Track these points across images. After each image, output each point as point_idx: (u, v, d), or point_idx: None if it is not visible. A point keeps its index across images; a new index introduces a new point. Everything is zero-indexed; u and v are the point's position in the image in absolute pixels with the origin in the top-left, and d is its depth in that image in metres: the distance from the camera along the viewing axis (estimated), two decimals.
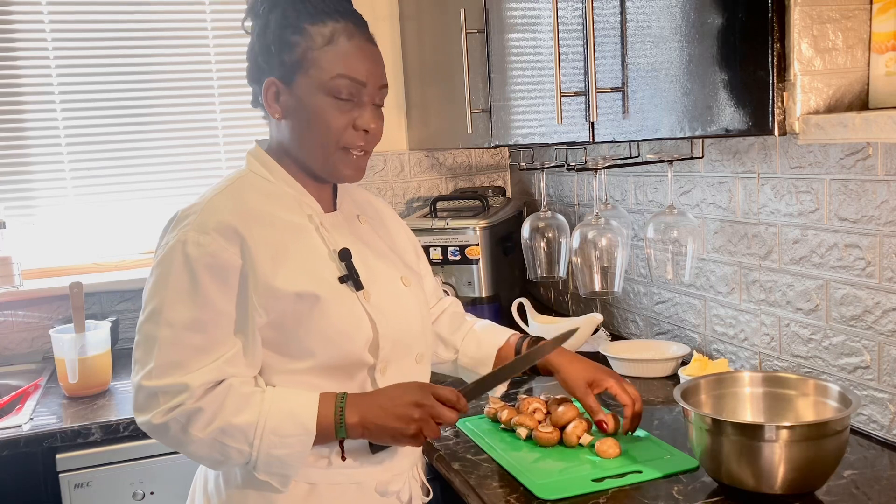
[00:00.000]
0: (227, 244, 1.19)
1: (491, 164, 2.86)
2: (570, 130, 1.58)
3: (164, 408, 1.16)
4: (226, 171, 2.60)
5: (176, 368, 1.16)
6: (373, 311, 1.25)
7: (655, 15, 1.29)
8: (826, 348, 1.56)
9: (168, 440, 1.21)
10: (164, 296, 1.18)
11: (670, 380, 1.86)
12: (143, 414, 1.19)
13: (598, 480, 1.33)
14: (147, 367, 1.17)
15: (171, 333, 1.17)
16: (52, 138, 2.42)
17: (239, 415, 1.17)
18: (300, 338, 1.22)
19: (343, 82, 1.22)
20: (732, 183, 1.77)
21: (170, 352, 1.17)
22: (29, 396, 2.01)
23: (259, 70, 1.28)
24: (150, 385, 1.17)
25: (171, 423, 1.17)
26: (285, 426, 1.18)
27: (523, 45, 1.76)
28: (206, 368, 1.17)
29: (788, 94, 1.09)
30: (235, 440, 1.17)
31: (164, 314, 1.17)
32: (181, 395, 1.16)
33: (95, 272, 2.47)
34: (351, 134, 1.25)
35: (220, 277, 1.18)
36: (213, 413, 1.16)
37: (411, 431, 1.21)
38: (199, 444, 1.18)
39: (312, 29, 1.23)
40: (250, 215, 1.22)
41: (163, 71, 2.51)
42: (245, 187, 1.27)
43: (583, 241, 1.93)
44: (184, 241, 1.19)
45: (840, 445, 1.21)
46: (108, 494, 1.82)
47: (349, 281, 1.25)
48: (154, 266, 1.22)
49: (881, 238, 1.42)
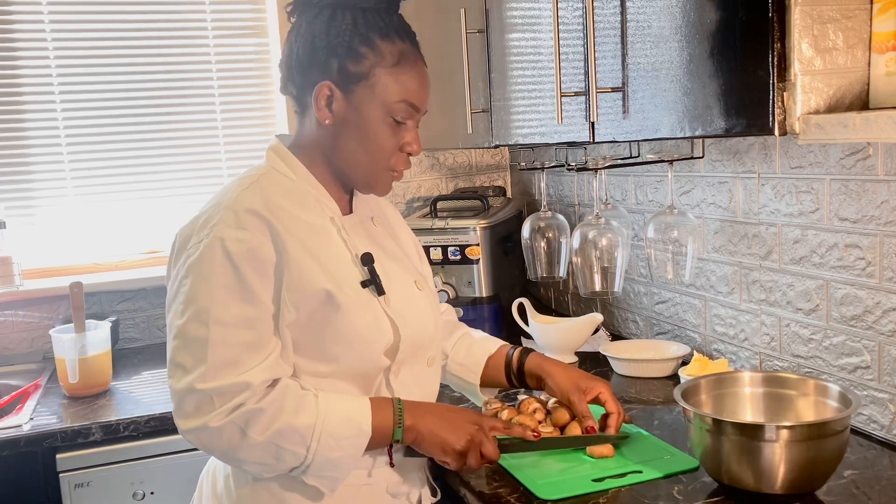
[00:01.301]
0: (265, 239, 1.17)
1: (491, 164, 2.86)
2: (571, 130, 1.58)
3: (223, 409, 1.13)
4: (226, 171, 2.60)
5: (231, 368, 1.13)
6: (394, 316, 1.26)
7: (656, 15, 1.29)
8: (826, 348, 1.56)
9: (219, 445, 1.16)
10: (209, 295, 1.15)
11: (670, 380, 1.86)
12: (193, 419, 1.14)
13: (598, 480, 1.33)
14: (198, 369, 1.13)
15: (222, 332, 1.14)
16: (52, 138, 2.42)
17: (297, 416, 1.15)
18: (321, 341, 1.21)
19: (403, 106, 1.23)
20: (733, 183, 1.77)
21: (223, 351, 1.14)
22: (29, 396, 2.01)
23: (312, 67, 1.23)
24: (204, 388, 1.13)
25: (227, 427, 1.13)
26: (342, 428, 1.17)
27: (523, 44, 1.76)
28: (262, 366, 1.15)
29: (789, 94, 1.09)
30: (293, 443, 1.15)
31: (213, 313, 1.14)
32: (242, 394, 1.13)
33: (95, 272, 2.47)
34: (398, 156, 1.27)
35: (262, 272, 1.16)
36: (273, 414, 1.14)
37: (460, 446, 1.23)
38: (254, 448, 1.15)
39: (383, 45, 1.22)
40: (278, 212, 1.20)
41: (163, 71, 2.51)
42: (269, 184, 1.25)
43: (583, 241, 1.93)
44: (221, 237, 1.16)
45: (840, 445, 1.21)
46: (108, 494, 1.82)
47: (371, 285, 1.25)
48: (188, 268, 1.17)
49: (881, 238, 1.42)
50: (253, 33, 2.60)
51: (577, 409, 1.44)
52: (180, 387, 1.15)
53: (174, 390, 1.16)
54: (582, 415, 1.44)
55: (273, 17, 2.56)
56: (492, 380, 1.52)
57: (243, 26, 2.59)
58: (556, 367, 1.48)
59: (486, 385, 1.53)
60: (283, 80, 1.30)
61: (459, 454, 1.24)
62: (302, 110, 1.29)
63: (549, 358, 1.51)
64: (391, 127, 1.24)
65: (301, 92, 1.27)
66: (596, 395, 1.45)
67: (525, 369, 1.49)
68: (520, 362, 1.49)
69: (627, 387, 1.83)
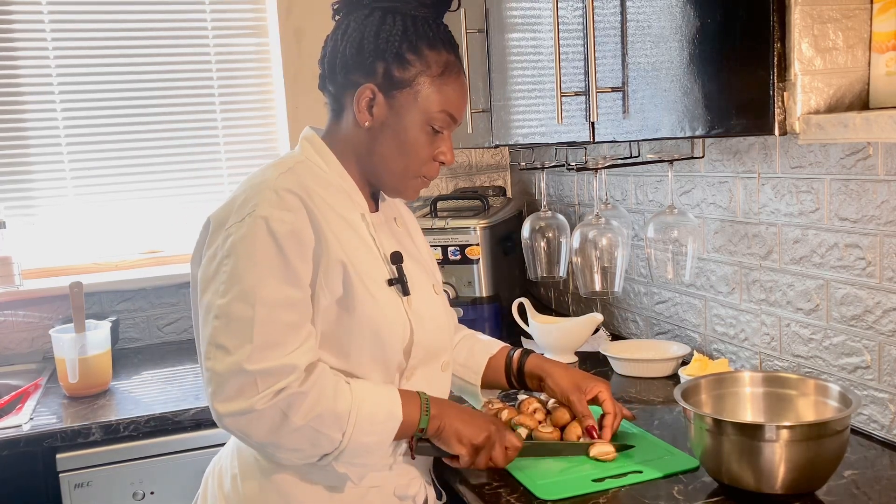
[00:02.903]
0: (307, 221, 1.17)
1: (491, 163, 2.86)
2: (571, 130, 1.58)
3: (268, 392, 1.11)
4: (226, 171, 2.60)
5: (275, 349, 1.12)
6: (413, 318, 1.26)
7: (656, 14, 1.29)
8: (826, 348, 1.56)
9: (259, 429, 1.13)
10: (254, 274, 1.13)
11: (670, 380, 1.86)
12: (235, 402, 1.11)
13: (599, 480, 1.33)
14: (243, 349, 1.11)
15: (268, 312, 1.12)
16: (52, 138, 2.42)
17: (336, 400, 1.15)
18: (341, 334, 1.22)
19: (443, 116, 1.25)
20: (733, 183, 1.77)
21: (269, 331, 1.12)
22: (29, 396, 2.01)
23: (357, 67, 1.23)
24: (251, 369, 1.10)
25: (269, 410, 1.11)
26: (376, 413, 1.18)
27: (523, 44, 1.76)
28: (304, 348, 1.15)
29: (789, 94, 1.08)
30: (330, 427, 1.15)
31: (259, 293, 1.12)
32: (289, 376, 1.12)
33: (95, 272, 2.47)
34: (430, 165, 1.28)
35: (305, 253, 1.16)
36: (315, 398, 1.13)
37: (478, 441, 1.25)
38: (294, 433, 1.13)
39: (429, 54, 1.23)
40: (314, 199, 1.20)
41: (163, 71, 2.51)
42: (305, 172, 1.24)
43: (583, 241, 1.93)
44: (266, 217, 1.14)
45: (840, 445, 1.21)
46: (108, 494, 1.82)
47: (398, 284, 1.26)
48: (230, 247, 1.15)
49: (881, 238, 1.42)
50: (253, 33, 2.60)
51: (576, 409, 1.44)
52: (222, 368, 1.12)
53: (215, 372, 1.13)
54: (581, 414, 1.44)
55: (273, 17, 2.56)
56: (492, 381, 1.52)
57: (243, 26, 2.59)
58: (556, 368, 1.49)
59: (486, 387, 1.53)
60: (322, 77, 1.29)
61: (475, 448, 1.26)
62: (338, 109, 1.29)
63: (549, 359, 1.52)
64: (428, 135, 1.25)
65: (340, 91, 1.26)
66: (595, 394, 1.45)
67: (525, 370, 1.49)
68: (520, 363, 1.50)
69: (627, 387, 1.83)
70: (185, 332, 2.54)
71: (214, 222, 1.20)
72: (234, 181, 2.60)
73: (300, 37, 2.55)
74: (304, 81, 2.55)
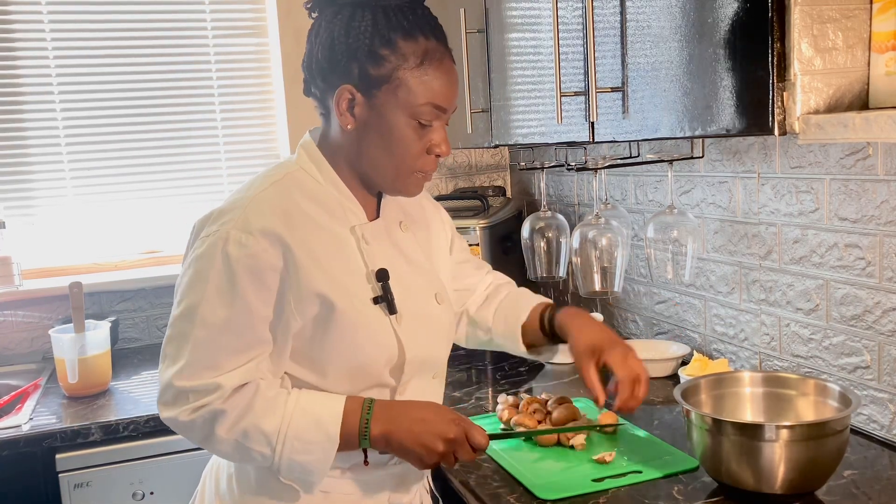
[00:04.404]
0: (269, 246, 1.14)
1: (491, 163, 2.86)
2: (570, 130, 1.58)
3: (191, 406, 1.14)
4: (225, 171, 2.60)
5: (209, 369, 1.14)
6: (403, 335, 1.22)
7: (655, 14, 1.29)
8: (826, 348, 1.56)
9: (194, 437, 1.19)
10: (201, 293, 1.14)
11: (670, 380, 1.86)
12: (169, 410, 1.17)
13: (598, 480, 1.33)
14: (178, 364, 1.15)
15: (205, 334, 1.14)
16: (52, 138, 2.42)
17: (263, 418, 1.15)
18: (315, 353, 1.19)
19: (428, 109, 1.18)
20: (732, 183, 1.77)
21: (204, 352, 1.14)
22: (29, 396, 2.01)
23: (332, 70, 1.18)
24: (181, 385, 1.14)
25: (197, 421, 1.15)
26: (309, 433, 1.15)
27: (523, 44, 1.76)
28: (240, 370, 1.15)
29: (788, 94, 1.08)
30: (258, 443, 1.15)
31: (200, 313, 1.13)
32: (212, 394, 1.14)
33: (95, 272, 2.47)
34: (425, 159, 1.22)
35: (260, 279, 1.14)
36: (237, 415, 1.14)
37: (432, 461, 1.19)
38: (223, 443, 1.16)
39: (404, 45, 1.16)
40: (296, 218, 1.18)
41: (163, 71, 2.51)
42: (293, 186, 1.21)
43: (583, 241, 1.93)
44: (225, 238, 1.13)
45: (840, 445, 1.21)
46: (108, 494, 1.81)
47: (383, 303, 1.21)
48: (192, 260, 1.17)
49: (881, 238, 1.42)
50: (253, 33, 2.60)
51: (583, 378, 1.31)
52: (166, 377, 1.17)
53: (160, 378, 1.19)
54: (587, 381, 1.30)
55: (273, 17, 2.56)
56: (536, 342, 1.43)
57: (243, 26, 2.59)
58: (575, 326, 1.35)
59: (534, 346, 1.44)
60: (306, 82, 1.25)
61: (441, 455, 1.19)
62: (326, 113, 1.24)
63: (578, 314, 1.39)
64: (416, 130, 1.19)
65: (323, 95, 1.22)
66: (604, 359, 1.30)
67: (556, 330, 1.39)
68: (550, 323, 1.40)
69: None
70: None
71: (195, 230, 1.20)
72: (234, 181, 2.60)
73: (300, 37, 2.52)
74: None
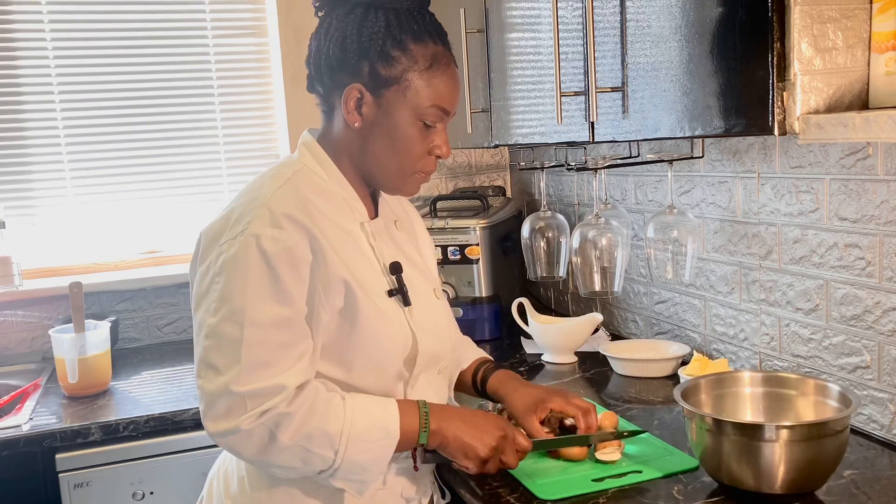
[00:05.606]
0: (300, 238, 1.14)
1: (491, 163, 2.86)
2: (570, 130, 1.58)
3: (254, 412, 1.10)
4: (225, 171, 2.60)
5: (265, 370, 1.11)
6: (416, 327, 1.25)
7: (655, 14, 1.29)
8: (826, 348, 1.56)
9: (248, 448, 1.14)
10: (243, 294, 1.12)
11: (670, 380, 1.86)
12: (224, 422, 1.12)
13: (598, 480, 1.33)
14: (231, 371, 1.11)
15: (257, 333, 1.11)
16: (51, 138, 2.42)
17: (326, 420, 1.14)
18: (343, 348, 1.20)
19: (434, 110, 1.21)
20: (732, 183, 1.77)
21: (259, 352, 1.11)
22: (29, 396, 2.01)
23: (342, 68, 1.21)
24: (238, 390, 1.10)
25: (257, 430, 1.11)
26: (370, 431, 1.16)
27: (523, 44, 1.76)
28: (296, 368, 1.14)
29: (788, 94, 1.08)
30: (321, 446, 1.14)
31: (248, 313, 1.11)
32: (276, 397, 1.11)
33: (95, 272, 2.47)
34: (426, 160, 1.25)
35: (297, 272, 1.14)
36: (302, 418, 1.12)
37: (485, 453, 1.21)
38: (283, 451, 1.13)
39: (415, 48, 1.19)
40: (314, 212, 1.19)
41: (163, 71, 2.51)
42: (303, 183, 1.22)
43: (583, 241, 1.93)
44: (257, 235, 1.13)
45: (840, 445, 1.21)
46: (108, 494, 1.82)
47: (398, 295, 1.24)
48: (220, 267, 1.14)
49: (881, 238, 1.42)
50: (253, 33, 2.60)
51: (530, 433, 1.38)
52: (212, 388, 1.12)
53: (205, 391, 1.13)
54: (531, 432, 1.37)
55: (273, 17, 2.56)
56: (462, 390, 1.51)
57: (243, 26, 2.59)
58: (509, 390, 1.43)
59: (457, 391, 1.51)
60: (310, 79, 1.27)
61: (483, 461, 1.23)
62: (329, 110, 1.27)
63: (510, 378, 1.46)
64: (420, 131, 1.22)
65: (329, 92, 1.24)
66: (549, 409, 1.40)
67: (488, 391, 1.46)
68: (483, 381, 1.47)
69: (627, 387, 1.83)
70: (185, 332, 2.54)
71: (206, 238, 1.19)
72: (234, 181, 2.61)
73: (300, 37, 2.55)
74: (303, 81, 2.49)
